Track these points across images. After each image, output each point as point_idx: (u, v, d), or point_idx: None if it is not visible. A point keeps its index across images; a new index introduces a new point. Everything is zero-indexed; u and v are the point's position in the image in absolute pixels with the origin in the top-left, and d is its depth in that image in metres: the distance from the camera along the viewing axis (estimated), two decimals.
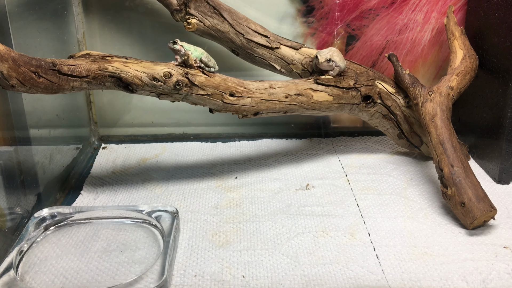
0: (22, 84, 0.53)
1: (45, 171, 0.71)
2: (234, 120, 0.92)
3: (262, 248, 0.61)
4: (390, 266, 0.58)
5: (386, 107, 0.78)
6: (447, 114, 0.72)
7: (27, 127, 0.66)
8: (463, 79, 0.77)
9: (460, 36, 0.81)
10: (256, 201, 0.72)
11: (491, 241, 0.62)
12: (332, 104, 0.74)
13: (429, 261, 0.59)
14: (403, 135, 0.81)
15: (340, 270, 0.57)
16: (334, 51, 0.72)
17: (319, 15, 0.86)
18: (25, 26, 0.66)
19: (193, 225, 0.66)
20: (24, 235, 0.60)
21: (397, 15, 0.86)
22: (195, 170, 0.81)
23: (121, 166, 0.83)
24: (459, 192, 0.64)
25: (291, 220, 0.67)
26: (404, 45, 0.88)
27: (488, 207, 0.63)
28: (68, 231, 0.63)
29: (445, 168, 0.67)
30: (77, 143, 0.84)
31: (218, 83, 0.66)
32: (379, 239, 0.63)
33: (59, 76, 0.56)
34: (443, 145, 0.68)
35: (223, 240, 0.63)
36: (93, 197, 0.73)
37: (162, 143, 0.92)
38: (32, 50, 0.67)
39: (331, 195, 0.73)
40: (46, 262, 0.58)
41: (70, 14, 0.82)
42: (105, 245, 0.61)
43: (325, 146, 0.90)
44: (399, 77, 0.77)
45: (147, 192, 0.74)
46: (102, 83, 0.60)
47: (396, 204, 0.70)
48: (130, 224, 0.64)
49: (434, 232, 0.64)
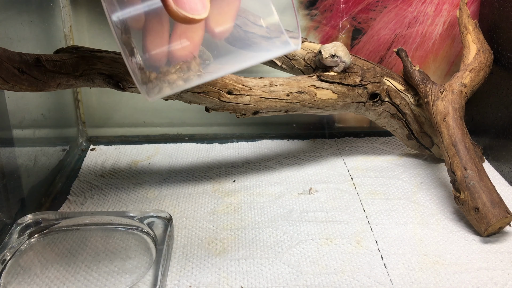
0: (5, 81, 0.53)
1: (29, 174, 0.71)
2: (232, 119, 0.92)
3: (261, 257, 0.61)
4: (399, 275, 0.58)
5: (394, 106, 0.78)
6: (459, 113, 0.72)
7: (10, 127, 0.66)
8: (477, 76, 0.77)
9: (473, 29, 0.81)
10: (256, 206, 0.72)
11: (507, 249, 0.62)
12: (337, 103, 0.74)
13: (441, 270, 0.59)
14: (412, 135, 0.81)
15: (346, 280, 0.57)
16: (338, 45, 0.72)
17: (322, 7, 0.86)
18: (7, 19, 0.66)
19: (188, 232, 0.66)
20: (7, 243, 0.60)
21: (406, 7, 0.86)
22: (190, 173, 0.81)
23: (111, 169, 0.83)
24: (473, 196, 0.64)
25: (293, 226, 0.67)
26: (413, 39, 0.88)
27: (504, 213, 0.63)
28: (54, 238, 0.63)
29: (457, 171, 0.67)
30: (63, 144, 0.84)
31: (215, 80, 0.66)
32: (387, 247, 0.63)
33: (45, 72, 0.56)
34: (456, 146, 0.68)
35: (220, 248, 0.63)
36: (80, 202, 0.73)
37: (154, 144, 0.92)
38: (15, 45, 0.67)
39: (335, 200, 0.73)
40: (30, 272, 0.58)
41: (56, 6, 0.82)
42: (94, 253, 0.61)
43: (329, 148, 0.90)
44: (408, 73, 0.77)
45: (139, 197, 0.74)
46: (91, 80, 0.60)
47: (405, 210, 0.70)
48: (120, 231, 0.64)
49: (446, 239, 0.64)
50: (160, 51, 0.42)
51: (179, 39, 0.42)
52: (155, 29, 0.42)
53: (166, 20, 0.42)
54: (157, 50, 0.42)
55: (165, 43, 0.42)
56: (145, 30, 0.42)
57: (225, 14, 0.42)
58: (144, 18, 0.42)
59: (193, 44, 0.42)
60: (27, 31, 0.71)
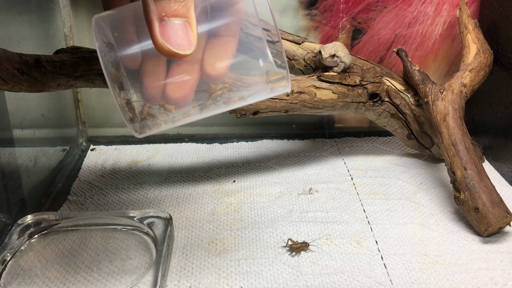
0: (5, 82, 0.53)
1: (30, 174, 0.71)
2: (232, 119, 0.92)
3: (262, 257, 0.61)
4: (399, 276, 0.58)
5: (394, 106, 0.78)
6: (459, 113, 0.72)
7: (10, 128, 0.66)
8: (477, 76, 0.77)
9: (473, 29, 0.81)
10: (256, 207, 0.72)
11: (507, 249, 0.62)
12: (337, 103, 0.74)
13: (441, 270, 0.59)
14: (412, 135, 0.81)
15: (346, 281, 0.57)
16: (338, 46, 0.72)
17: (322, 7, 0.86)
18: (7, 19, 0.66)
19: (188, 232, 0.66)
20: (7, 244, 0.60)
21: (406, 7, 0.86)
22: (190, 173, 0.81)
23: (111, 169, 0.83)
24: (473, 196, 0.64)
25: (293, 227, 0.67)
26: (413, 39, 0.88)
27: (504, 213, 0.63)
28: (54, 239, 0.63)
29: (457, 171, 0.67)
30: (63, 144, 0.84)
31: None
32: (387, 247, 0.63)
33: (44, 73, 0.56)
34: (456, 146, 0.68)
35: (220, 249, 0.63)
36: (80, 203, 0.73)
37: (154, 144, 0.92)
38: (15, 45, 0.67)
39: (335, 200, 0.73)
40: (30, 273, 0.58)
41: (56, 6, 0.82)
42: (94, 254, 0.61)
43: (329, 148, 0.90)
44: (408, 73, 0.77)
45: (139, 197, 0.74)
46: (91, 80, 0.60)
47: (405, 210, 0.70)
48: (120, 232, 0.64)
49: (446, 239, 0.64)
50: (156, 92, 0.43)
51: (174, 82, 0.43)
52: (151, 70, 0.43)
53: (163, 62, 0.43)
54: (153, 91, 0.43)
55: (161, 84, 0.43)
56: (142, 70, 0.43)
57: (221, 58, 0.43)
58: (141, 58, 0.43)
59: (189, 87, 0.43)
60: (27, 31, 0.71)
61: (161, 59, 0.43)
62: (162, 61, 0.43)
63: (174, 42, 0.39)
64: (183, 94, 0.43)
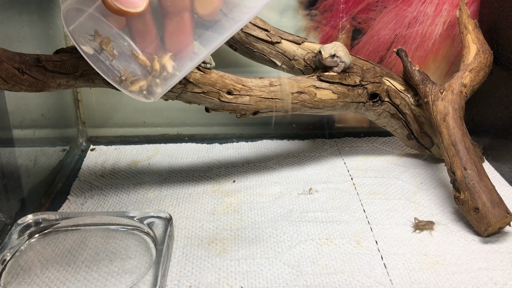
0: (5, 82, 0.53)
1: (29, 174, 0.71)
2: (232, 119, 0.92)
3: (261, 257, 0.61)
4: (398, 276, 0.58)
5: (394, 106, 0.78)
6: (459, 113, 0.72)
7: (10, 127, 0.66)
8: (477, 76, 0.77)
9: (473, 29, 0.81)
10: (256, 207, 0.72)
11: (507, 249, 0.62)
12: (337, 103, 0.74)
13: (441, 270, 0.59)
14: (412, 135, 0.81)
15: (346, 281, 0.57)
16: (338, 46, 0.72)
17: (322, 7, 0.86)
18: (7, 19, 0.66)
19: (188, 232, 0.66)
20: (7, 243, 0.60)
21: (406, 8, 0.86)
22: (190, 173, 0.81)
23: (111, 169, 0.83)
24: (473, 196, 0.64)
25: (293, 227, 0.67)
26: (413, 39, 0.88)
27: (504, 213, 0.63)
28: (54, 239, 0.63)
29: (457, 171, 0.67)
30: (63, 144, 0.84)
31: (215, 80, 0.66)
32: (387, 247, 0.63)
33: (45, 72, 0.56)
34: (456, 146, 0.68)
35: (220, 249, 0.63)
36: (80, 203, 0.73)
37: (154, 144, 0.92)
38: (15, 45, 0.67)
39: (335, 200, 0.73)
40: (30, 272, 0.58)
41: (56, 6, 0.82)
42: (94, 254, 0.61)
43: (329, 148, 0.90)
44: (408, 73, 0.77)
45: (139, 197, 0.74)
46: (91, 80, 0.60)
47: (405, 210, 0.70)
48: (120, 232, 0.64)
49: (445, 239, 0.64)
50: (151, 49, 0.43)
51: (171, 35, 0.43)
52: (140, 29, 0.42)
53: (150, 19, 0.42)
54: (149, 49, 0.43)
55: (154, 40, 0.43)
56: (131, 31, 0.43)
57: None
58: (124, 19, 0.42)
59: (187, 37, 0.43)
60: (27, 31, 0.71)
61: (147, 16, 0.42)
62: (149, 17, 0.42)
63: (124, 1, 0.38)
64: (184, 44, 0.43)
